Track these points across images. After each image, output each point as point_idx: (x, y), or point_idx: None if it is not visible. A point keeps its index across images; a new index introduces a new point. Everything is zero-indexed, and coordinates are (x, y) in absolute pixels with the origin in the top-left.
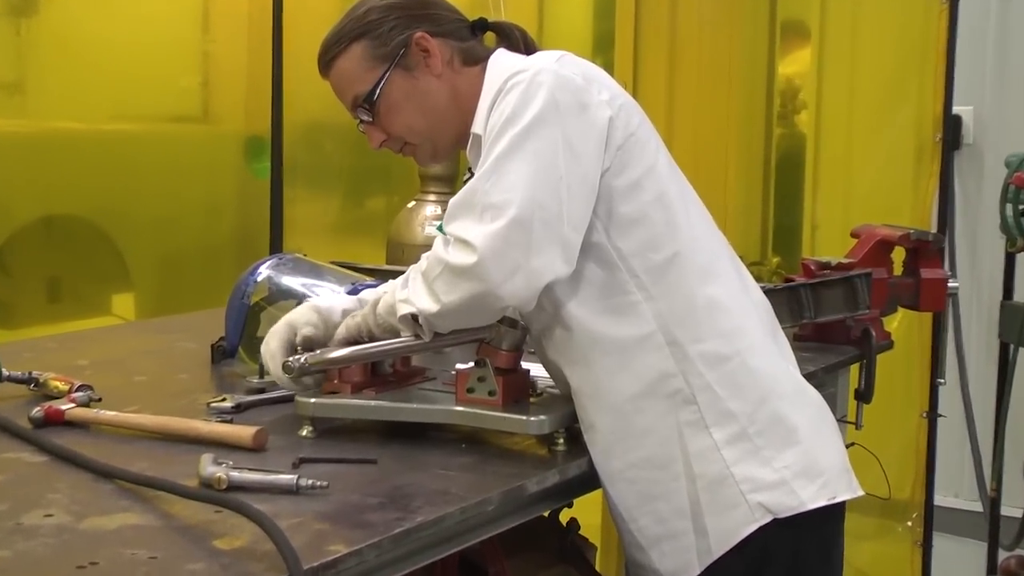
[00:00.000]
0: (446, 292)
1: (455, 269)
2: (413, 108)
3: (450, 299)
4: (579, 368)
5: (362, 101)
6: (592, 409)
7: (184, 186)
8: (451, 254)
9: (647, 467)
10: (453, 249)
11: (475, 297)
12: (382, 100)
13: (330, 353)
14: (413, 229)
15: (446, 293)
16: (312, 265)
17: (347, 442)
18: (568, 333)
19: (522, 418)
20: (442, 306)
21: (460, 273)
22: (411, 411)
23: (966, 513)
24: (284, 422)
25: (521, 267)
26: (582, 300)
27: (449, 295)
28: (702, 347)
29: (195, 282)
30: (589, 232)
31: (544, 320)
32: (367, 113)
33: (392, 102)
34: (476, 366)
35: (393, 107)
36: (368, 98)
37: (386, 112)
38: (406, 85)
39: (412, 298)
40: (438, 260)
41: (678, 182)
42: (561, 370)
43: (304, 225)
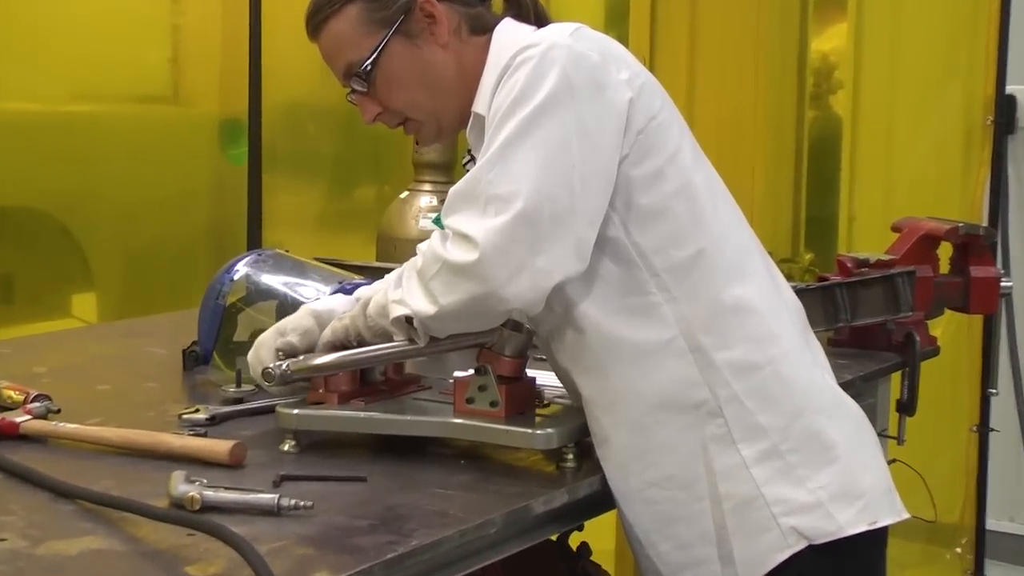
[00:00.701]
0: (444, 293)
1: (454, 267)
2: (415, 81)
3: (448, 300)
4: (592, 376)
5: (356, 69)
6: (606, 421)
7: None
8: (450, 250)
9: (667, 486)
10: (452, 245)
11: (476, 298)
12: (379, 70)
13: (314, 359)
14: (406, 222)
15: (444, 294)
16: (295, 262)
17: (334, 458)
18: (580, 337)
19: (527, 431)
20: (439, 308)
21: (459, 272)
22: (404, 423)
23: (1022, 539)
24: (264, 436)
25: (527, 265)
26: (596, 300)
27: (447, 296)
28: (729, 354)
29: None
30: (605, 226)
31: (553, 322)
32: (361, 83)
33: (391, 73)
34: (476, 374)
35: (392, 79)
36: (363, 66)
37: (384, 83)
38: (407, 54)
39: (406, 299)
40: (435, 257)
41: (704, 171)
42: (572, 378)
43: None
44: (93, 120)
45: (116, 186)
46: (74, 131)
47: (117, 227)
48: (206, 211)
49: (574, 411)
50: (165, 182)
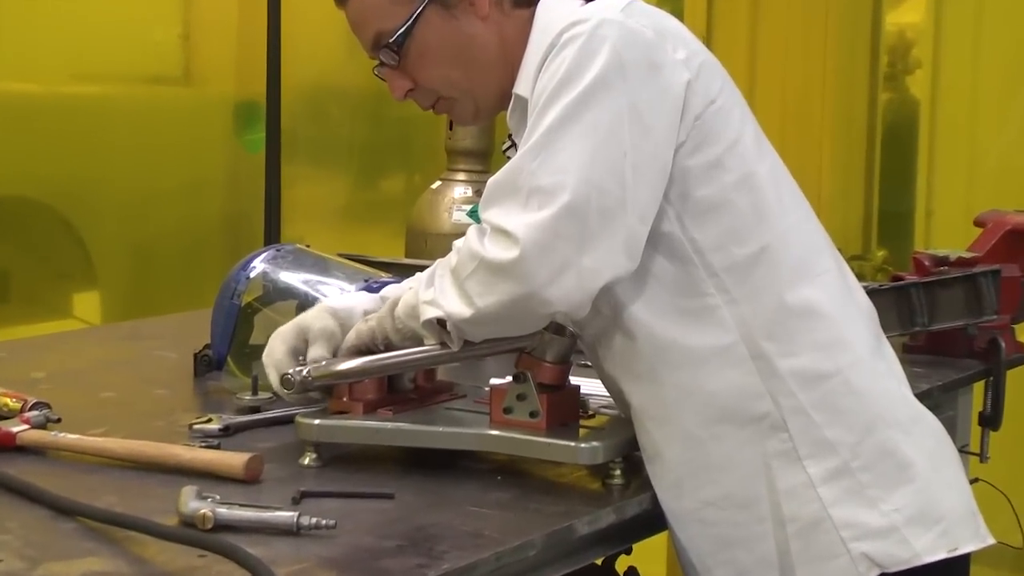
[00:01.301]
0: (481, 294)
1: (492, 266)
2: (452, 56)
3: (486, 302)
4: (643, 384)
5: (387, 40)
6: (659, 435)
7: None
8: (488, 247)
9: (726, 506)
10: (490, 241)
11: (516, 300)
12: (412, 41)
13: (338, 364)
14: (438, 215)
15: (481, 295)
16: (316, 258)
17: (359, 472)
18: (630, 342)
19: (571, 444)
20: (476, 310)
21: (498, 271)
22: (436, 435)
23: None
24: (283, 448)
25: (573, 264)
26: (649, 302)
27: (485, 297)
28: (795, 362)
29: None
30: (659, 220)
31: (601, 325)
32: (391, 56)
33: (425, 45)
34: (515, 381)
35: (427, 52)
36: (395, 37)
37: (418, 57)
38: (445, 26)
39: (439, 299)
40: (472, 255)
41: (768, 160)
42: (621, 386)
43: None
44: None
45: (121, 175)
46: (76, 114)
47: (122, 220)
48: (220, 202)
49: (622, 423)
50: (175, 171)
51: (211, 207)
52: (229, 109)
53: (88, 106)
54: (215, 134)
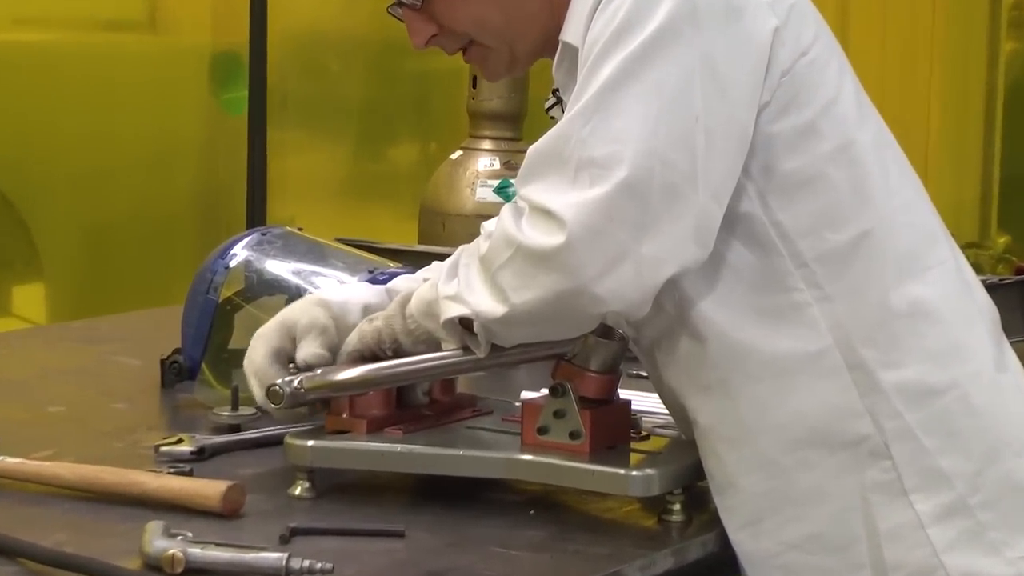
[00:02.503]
0: (517, 288)
1: (532, 254)
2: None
3: (522, 299)
4: (713, 399)
5: None
6: (732, 460)
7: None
8: (527, 231)
9: (814, 550)
10: (530, 224)
11: (560, 297)
12: None
13: (336, 373)
14: (459, 191)
15: (517, 289)
16: (310, 244)
17: (361, 505)
18: (698, 347)
19: (619, 472)
20: (510, 308)
21: (539, 260)
22: (455, 461)
23: None
24: (269, 475)
25: (630, 253)
26: (722, 298)
27: (521, 292)
28: (901, 374)
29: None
30: (736, 199)
31: (662, 326)
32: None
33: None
34: (552, 395)
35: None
36: None
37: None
38: None
39: (464, 294)
40: (507, 240)
41: (871, 126)
42: (685, 401)
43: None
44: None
45: (73, 142)
46: (18, 67)
47: (74, 197)
48: (193, 176)
49: (683, 446)
50: (138, 137)
51: (182, 182)
52: (205, 62)
53: (32, 57)
54: (187, 92)
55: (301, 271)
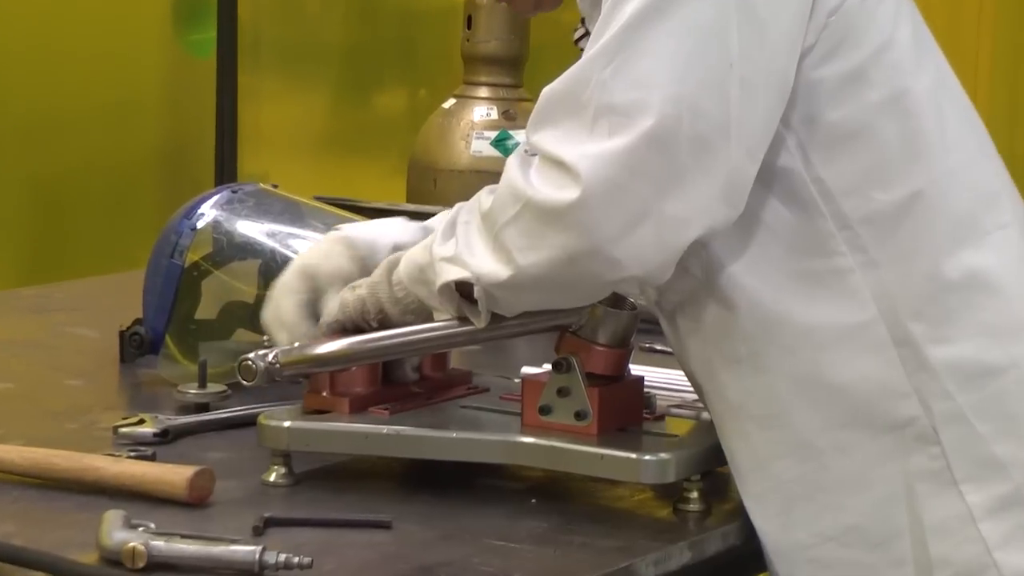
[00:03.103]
0: (524, 248)
1: (542, 210)
2: None
3: (529, 260)
4: (743, 372)
5: None
6: (762, 441)
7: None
8: (536, 184)
9: (851, 542)
10: (541, 176)
11: (573, 258)
12: None
13: (315, 347)
14: (452, 144)
15: (524, 250)
16: (286, 203)
17: (343, 493)
18: (728, 314)
19: (631, 456)
20: (516, 271)
21: (550, 217)
22: (448, 444)
23: None
24: (240, 460)
25: (652, 212)
26: (756, 261)
27: (528, 253)
28: (953, 351)
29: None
30: (774, 152)
31: (687, 290)
32: None
33: None
34: (556, 371)
35: None
36: None
37: None
38: None
39: (464, 255)
40: (514, 193)
41: (929, 73)
42: (711, 374)
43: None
44: None
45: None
46: None
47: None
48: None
49: (701, 428)
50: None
51: (143, 133)
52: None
53: None
54: (148, 32)
55: (276, 233)
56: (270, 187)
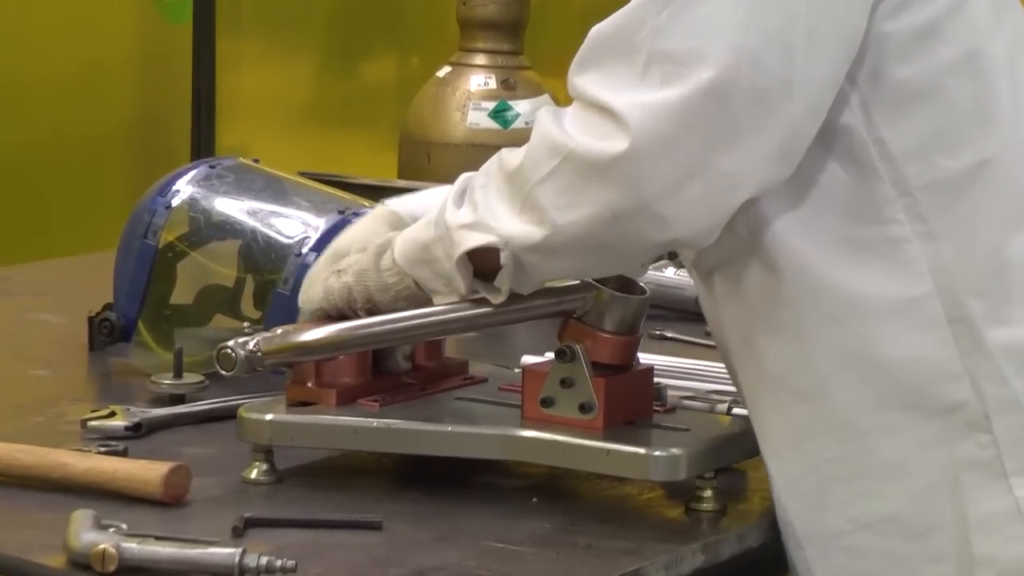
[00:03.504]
0: (563, 206)
1: (586, 163)
2: None
3: (570, 219)
4: (785, 340)
5: None
6: (800, 416)
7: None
8: (578, 136)
9: (889, 532)
10: (582, 125)
11: (617, 216)
12: None
13: (300, 334)
14: (447, 116)
15: (563, 208)
16: (268, 179)
17: (330, 491)
18: (772, 278)
19: (639, 452)
20: (553, 231)
21: (594, 171)
22: (443, 438)
23: None
24: (219, 456)
25: (703, 169)
26: (806, 223)
27: (569, 211)
28: (1012, 334)
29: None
30: (835, 109)
31: (729, 249)
32: None
33: None
34: (559, 359)
35: None
36: None
37: None
38: None
39: (487, 220)
40: (551, 147)
41: (1007, 31)
42: (747, 340)
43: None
44: None
45: None
46: None
47: None
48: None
49: (716, 422)
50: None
51: (114, 103)
52: None
53: None
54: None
55: (257, 211)
56: (251, 162)
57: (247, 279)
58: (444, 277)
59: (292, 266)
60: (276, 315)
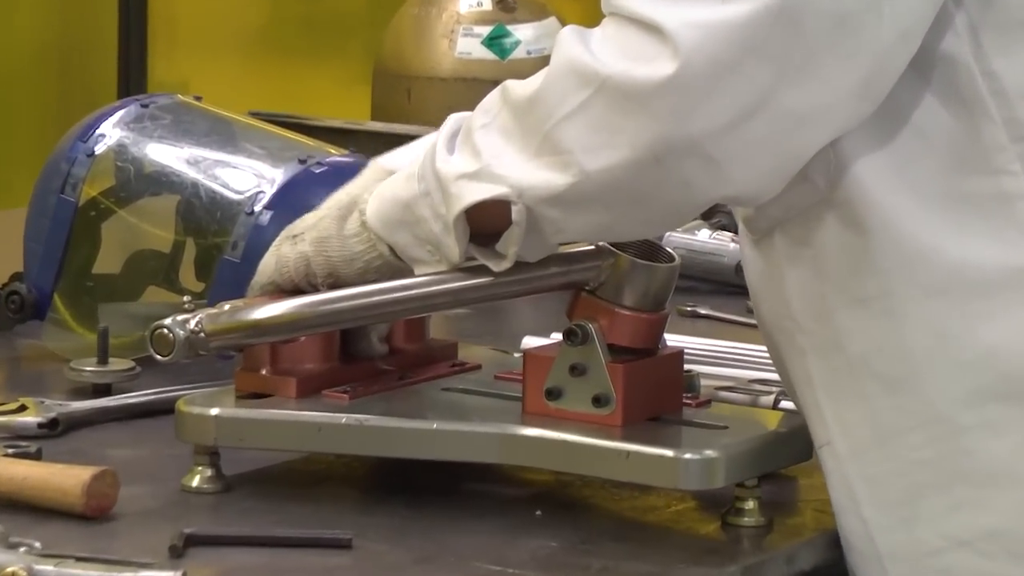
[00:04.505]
0: (594, 147)
1: (624, 91)
2: None
3: (602, 162)
4: (871, 316)
5: None
6: (886, 408)
7: None
8: (612, 60)
9: (992, 552)
10: (618, 46)
11: (659, 157)
12: None
13: (252, 310)
14: (431, 44)
15: (594, 149)
16: (213, 121)
17: (289, 502)
18: (856, 239)
19: (667, 454)
20: (580, 178)
21: (633, 101)
22: (426, 438)
23: None
24: (153, 458)
25: (768, 104)
26: (899, 175)
27: (600, 153)
28: None
29: None
30: (936, 34)
31: (800, 202)
32: None
33: None
34: (568, 341)
35: None
36: None
37: None
38: None
39: (494, 167)
40: (580, 75)
41: None
42: (822, 316)
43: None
44: None
45: None
46: None
47: None
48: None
49: (760, 417)
50: None
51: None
52: None
53: None
54: None
55: (200, 160)
56: (191, 99)
57: (187, 243)
58: (431, 242)
59: (242, 228)
60: (223, 287)
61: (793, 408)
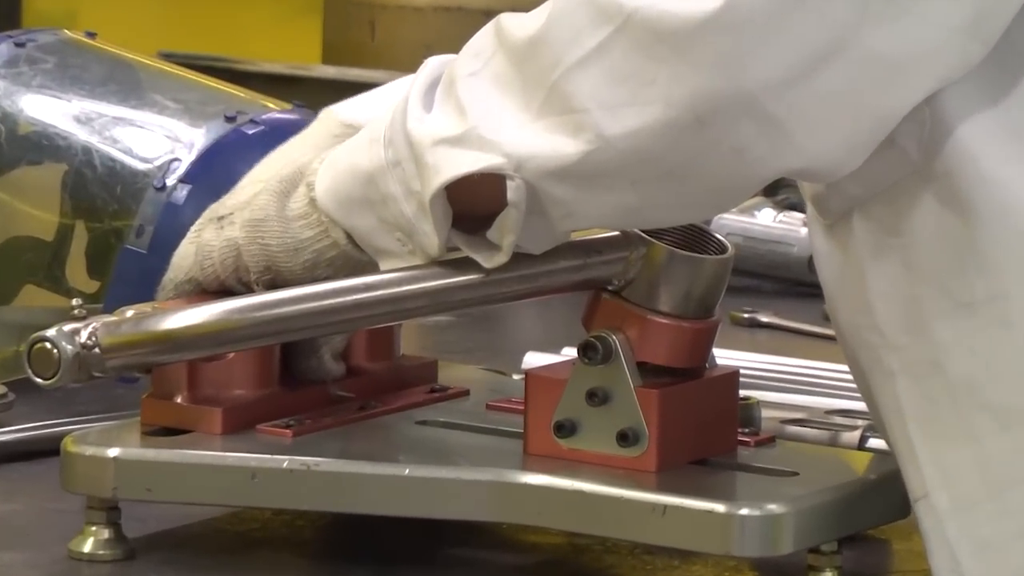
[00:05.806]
0: (616, 104)
1: (655, 31)
2: None
3: (626, 124)
4: (979, 324)
5: None
6: (1001, 442)
7: None
8: None
9: None
10: None
11: (701, 118)
12: None
13: (163, 317)
14: None
15: (615, 106)
16: (111, 64)
17: (213, 574)
18: (960, 227)
19: (716, 509)
20: (598, 144)
21: (667, 45)
22: (397, 489)
23: None
24: (35, 514)
25: (847, 46)
26: (1020, 138)
27: (624, 113)
28: None
29: None
30: None
31: (885, 177)
32: None
33: None
34: (585, 358)
35: None
36: None
37: None
38: None
39: (482, 130)
40: (599, 9)
41: None
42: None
43: None
44: None
45: None
46: None
47: None
48: None
49: (836, 462)
50: None
51: None
52: None
53: None
54: None
55: (94, 117)
56: (82, 36)
57: (76, 228)
58: (401, 228)
59: (150, 207)
60: (124, 287)
61: (885, 448)
